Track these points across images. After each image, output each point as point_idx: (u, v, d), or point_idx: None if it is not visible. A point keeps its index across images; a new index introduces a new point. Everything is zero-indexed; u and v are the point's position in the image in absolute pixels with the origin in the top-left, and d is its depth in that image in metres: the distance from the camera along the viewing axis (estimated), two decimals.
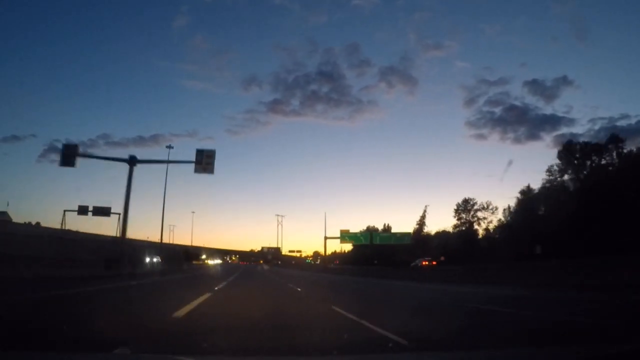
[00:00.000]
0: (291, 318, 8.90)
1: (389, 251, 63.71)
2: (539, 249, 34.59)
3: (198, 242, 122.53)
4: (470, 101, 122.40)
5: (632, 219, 30.37)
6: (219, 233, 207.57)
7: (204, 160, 35.12)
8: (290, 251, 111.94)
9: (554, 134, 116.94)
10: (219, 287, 18.44)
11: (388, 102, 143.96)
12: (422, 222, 69.83)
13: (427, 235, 70.12)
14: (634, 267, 15.82)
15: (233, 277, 30.77)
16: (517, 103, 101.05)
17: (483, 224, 62.64)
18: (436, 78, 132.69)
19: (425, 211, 70.94)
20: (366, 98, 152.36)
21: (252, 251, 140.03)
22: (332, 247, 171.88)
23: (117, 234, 60.98)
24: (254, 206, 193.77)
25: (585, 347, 3.95)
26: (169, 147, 53.38)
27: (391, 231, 66.83)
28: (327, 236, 64.04)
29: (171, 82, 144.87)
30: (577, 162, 44.78)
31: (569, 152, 45.46)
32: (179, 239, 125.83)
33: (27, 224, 72.33)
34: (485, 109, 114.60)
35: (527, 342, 6.01)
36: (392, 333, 6.28)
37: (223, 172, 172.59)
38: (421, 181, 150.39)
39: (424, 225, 69.24)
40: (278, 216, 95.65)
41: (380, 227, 74.15)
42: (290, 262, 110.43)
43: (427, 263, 53.56)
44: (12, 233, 44.19)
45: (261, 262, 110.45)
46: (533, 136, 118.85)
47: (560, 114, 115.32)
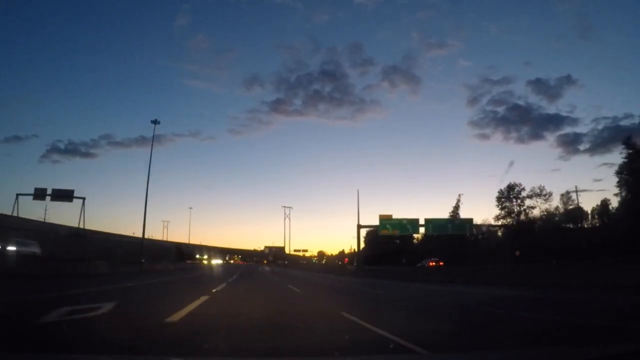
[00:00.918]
0: None
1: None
2: None
3: (200, 241, 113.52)
4: (473, 100, 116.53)
5: None
6: (222, 233, 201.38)
7: None
8: (295, 250, 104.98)
9: (557, 134, 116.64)
10: (188, 310, 8.19)
11: (391, 102, 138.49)
12: (456, 213, 59.14)
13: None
14: None
15: (220, 288, 20.45)
16: (521, 102, 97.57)
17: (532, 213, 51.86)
18: (439, 77, 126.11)
19: (459, 200, 60.40)
20: (369, 97, 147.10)
21: (255, 251, 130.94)
22: (334, 248, 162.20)
23: (81, 224, 50.22)
24: (256, 206, 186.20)
25: None
26: (155, 122, 43.70)
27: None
28: (362, 224, 50.16)
29: (173, 82, 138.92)
30: None
31: None
32: (179, 238, 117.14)
33: None
34: (488, 109, 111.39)
35: None
36: None
37: (225, 172, 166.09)
38: (423, 181, 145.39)
39: (458, 215, 58.34)
40: (285, 207, 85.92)
41: None
42: (298, 262, 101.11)
43: (435, 264, 46.79)
44: None
45: (265, 263, 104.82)
46: (536, 136, 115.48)
47: (563, 114, 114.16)
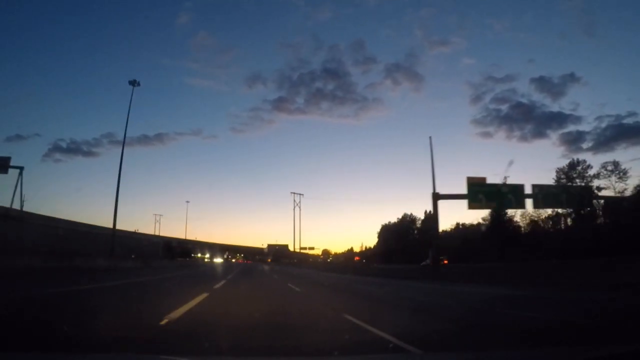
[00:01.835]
0: None
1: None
2: None
3: (200, 238, 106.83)
4: (476, 98, 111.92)
5: None
6: (224, 232, 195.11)
7: None
8: (302, 248, 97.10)
9: (560, 132, 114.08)
10: None
11: (393, 100, 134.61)
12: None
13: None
14: None
15: (203, 298, 13.58)
16: (524, 100, 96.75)
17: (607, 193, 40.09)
18: (442, 75, 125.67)
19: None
20: (371, 95, 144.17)
21: (257, 249, 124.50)
22: (340, 247, 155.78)
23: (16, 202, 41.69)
24: (259, 204, 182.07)
25: None
26: (133, 84, 36.75)
27: None
28: (442, 193, 36.77)
29: (175, 80, 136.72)
30: None
31: None
32: (179, 235, 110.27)
33: None
34: (491, 107, 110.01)
35: None
36: None
37: (227, 171, 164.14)
38: (426, 180, 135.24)
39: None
40: (294, 194, 76.93)
41: None
42: (307, 260, 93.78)
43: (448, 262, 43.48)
44: None
45: (269, 261, 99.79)
46: (539, 134, 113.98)
47: (567, 112, 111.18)
